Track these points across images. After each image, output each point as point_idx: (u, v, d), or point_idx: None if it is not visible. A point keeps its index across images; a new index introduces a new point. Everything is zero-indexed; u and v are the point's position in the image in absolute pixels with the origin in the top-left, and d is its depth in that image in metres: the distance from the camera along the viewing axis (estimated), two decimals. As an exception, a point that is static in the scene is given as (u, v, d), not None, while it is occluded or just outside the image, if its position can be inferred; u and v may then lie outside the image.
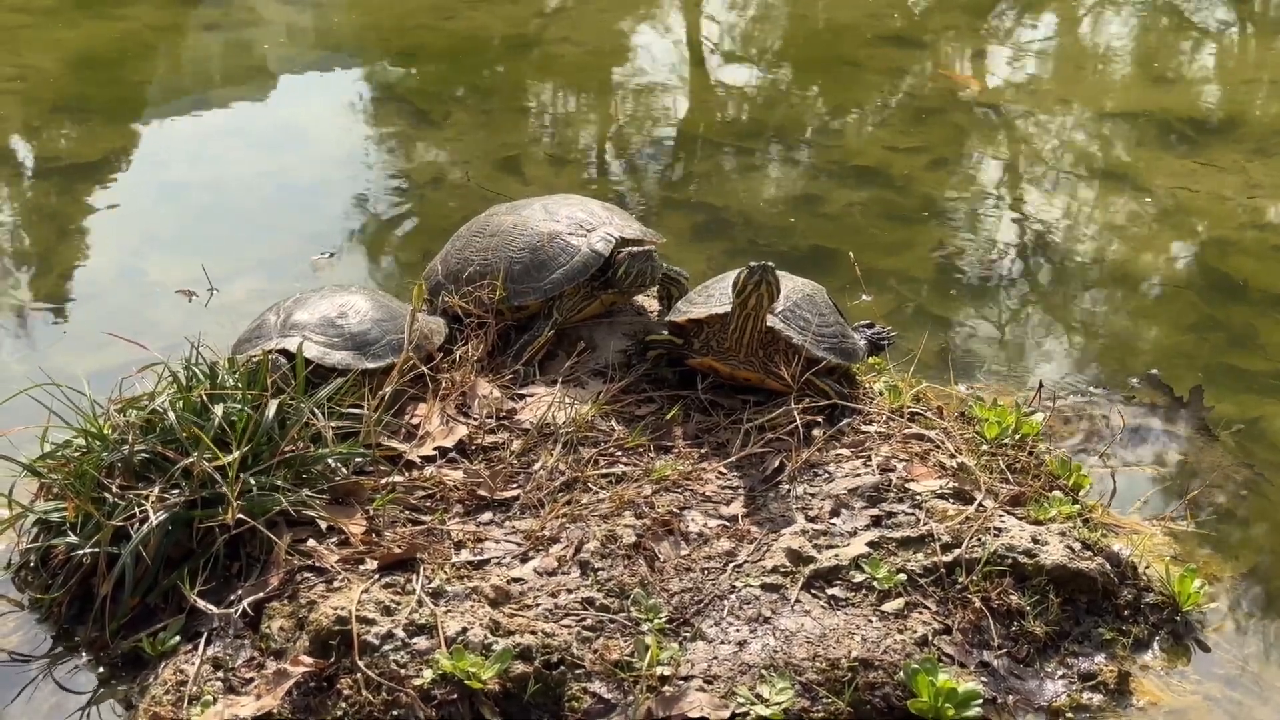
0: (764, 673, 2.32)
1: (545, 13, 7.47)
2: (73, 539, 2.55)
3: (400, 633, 2.32)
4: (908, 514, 2.68)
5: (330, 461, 2.69)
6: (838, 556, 2.56)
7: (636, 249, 3.22)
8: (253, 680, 2.34)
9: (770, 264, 2.90)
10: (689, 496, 2.76)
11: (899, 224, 4.68)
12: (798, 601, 2.48)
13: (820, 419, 2.96)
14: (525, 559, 2.57)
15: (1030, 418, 3.03)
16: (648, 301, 3.46)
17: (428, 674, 2.25)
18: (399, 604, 2.38)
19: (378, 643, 2.30)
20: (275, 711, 2.26)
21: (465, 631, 2.31)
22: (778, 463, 2.83)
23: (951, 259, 4.37)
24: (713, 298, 3.03)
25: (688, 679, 2.30)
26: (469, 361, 3.10)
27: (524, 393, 3.09)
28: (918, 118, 5.85)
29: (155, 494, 2.53)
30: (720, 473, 2.84)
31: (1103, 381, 3.64)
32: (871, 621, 2.45)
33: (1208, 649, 2.60)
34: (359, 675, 2.26)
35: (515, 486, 2.79)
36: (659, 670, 2.30)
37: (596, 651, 2.33)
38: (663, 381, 3.15)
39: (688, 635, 2.40)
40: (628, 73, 6.77)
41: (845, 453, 2.88)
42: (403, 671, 2.27)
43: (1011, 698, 2.41)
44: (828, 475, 2.81)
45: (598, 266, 3.21)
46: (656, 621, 2.40)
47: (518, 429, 2.97)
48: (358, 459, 2.74)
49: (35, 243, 4.59)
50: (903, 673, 2.34)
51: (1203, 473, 3.20)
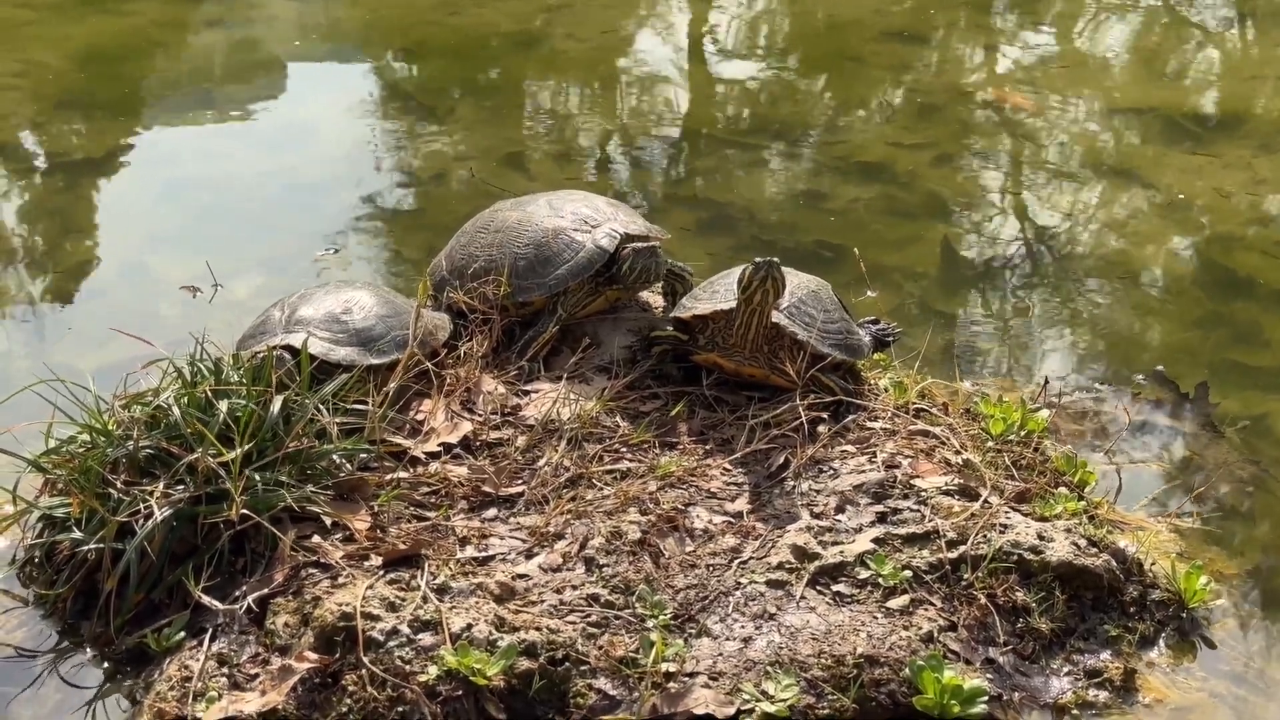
0: (769, 669, 2.31)
1: (549, 9, 7.46)
2: (77, 535, 2.55)
3: (405, 629, 2.32)
4: (913, 510, 2.68)
5: (335, 457, 2.69)
6: (843, 553, 2.56)
7: (641, 245, 3.22)
8: (258, 676, 2.34)
9: (776, 260, 2.89)
10: (694, 493, 2.75)
11: (904, 220, 4.68)
12: (803, 598, 2.47)
13: (825, 415, 2.96)
14: (530, 555, 2.57)
15: (1036, 414, 3.03)
16: (652, 297, 3.46)
17: (433, 670, 2.25)
18: (404, 600, 2.38)
19: (383, 639, 2.30)
20: (280, 708, 2.25)
21: (470, 628, 2.31)
22: (783, 459, 2.83)
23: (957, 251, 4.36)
24: (718, 294, 3.03)
25: (693, 675, 2.30)
26: (474, 357, 3.10)
27: (529, 389, 3.08)
28: (922, 114, 5.84)
29: (160, 490, 2.53)
30: (725, 469, 2.83)
31: (1108, 378, 3.64)
32: (877, 618, 2.44)
33: (1214, 646, 2.60)
34: (364, 671, 2.26)
35: (520, 482, 2.79)
36: (664, 667, 2.29)
37: (601, 648, 2.33)
38: (667, 378, 3.14)
39: (693, 631, 2.40)
40: (632, 68, 6.77)
41: (850, 449, 2.87)
42: (408, 668, 2.27)
43: (1017, 694, 2.41)
44: (833, 472, 2.80)
45: (602, 262, 3.21)
46: (661, 618, 2.39)
47: (522, 425, 2.96)
48: (362, 455, 2.74)
49: (40, 239, 4.60)
50: (908, 669, 2.33)
51: (1208, 469, 3.20)
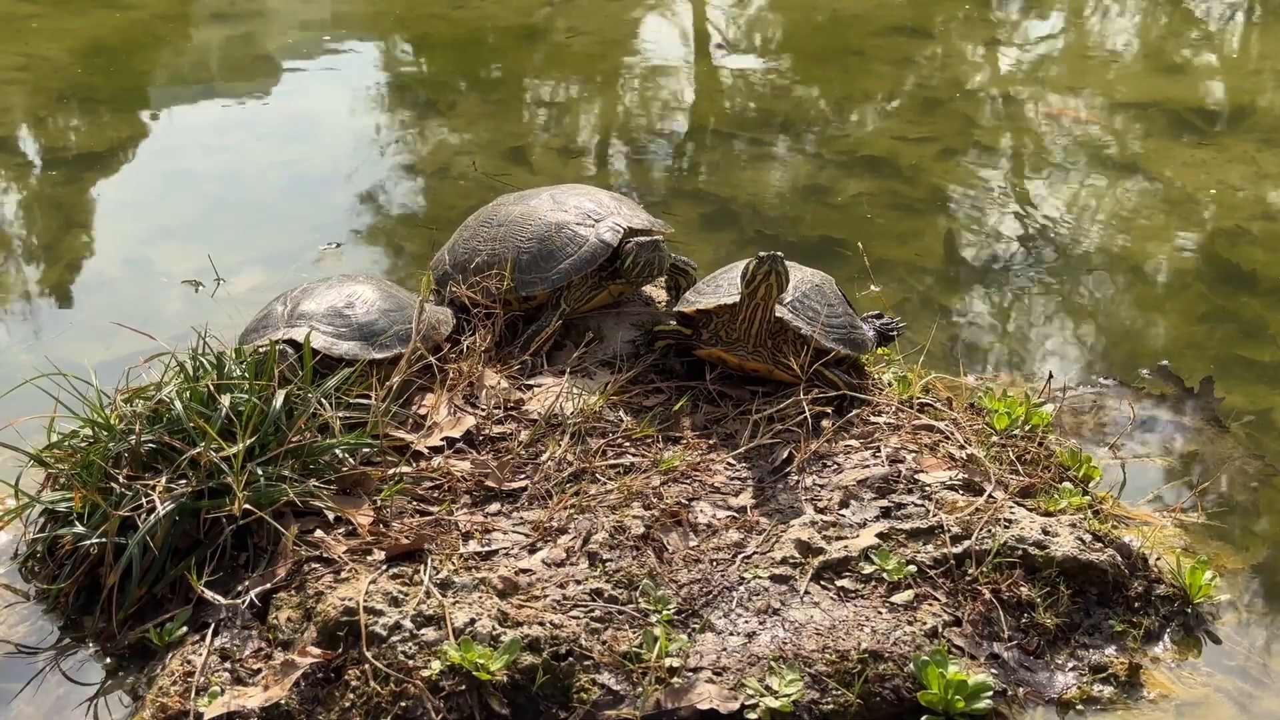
0: (773, 664, 2.31)
1: (553, 2, 7.46)
2: (79, 529, 2.55)
3: (408, 624, 2.31)
4: (917, 505, 2.67)
5: (337, 452, 2.68)
6: (847, 548, 2.55)
7: (644, 239, 3.21)
8: (260, 671, 2.34)
9: (779, 254, 2.88)
10: (697, 487, 2.75)
11: (907, 214, 4.67)
12: (807, 593, 2.47)
13: (829, 410, 2.95)
14: (533, 550, 2.56)
15: (1040, 409, 3.02)
16: (655, 292, 3.45)
17: (436, 665, 2.24)
18: (407, 595, 2.37)
19: (385, 634, 2.30)
20: (283, 702, 2.25)
21: (473, 623, 2.31)
22: (786, 454, 2.82)
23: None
24: (721, 288, 3.02)
25: (696, 670, 2.29)
26: (476, 352, 3.09)
27: (532, 383, 3.08)
28: (926, 108, 5.83)
29: (162, 484, 2.52)
30: (729, 464, 2.82)
31: (1113, 373, 3.63)
32: (881, 613, 2.44)
33: (1219, 641, 2.59)
34: (367, 666, 2.25)
35: (523, 477, 2.78)
36: (668, 662, 2.29)
37: (605, 643, 2.32)
38: (671, 372, 3.14)
39: (696, 626, 2.39)
40: (635, 63, 6.76)
41: (854, 444, 2.87)
42: (411, 663, 2.26)
43: (1022, 690, 2.40)
44: (837, 466, 2.80)
45: (606, 257, 3.20)
46: (665, 613, 2.39)
47: (525, 419, 2.96)
48: (365, 449, 2.73)
49: (42, 233, 4.59)
50: (912, 664, 2.33)
51: (1213, 464, 3.19)
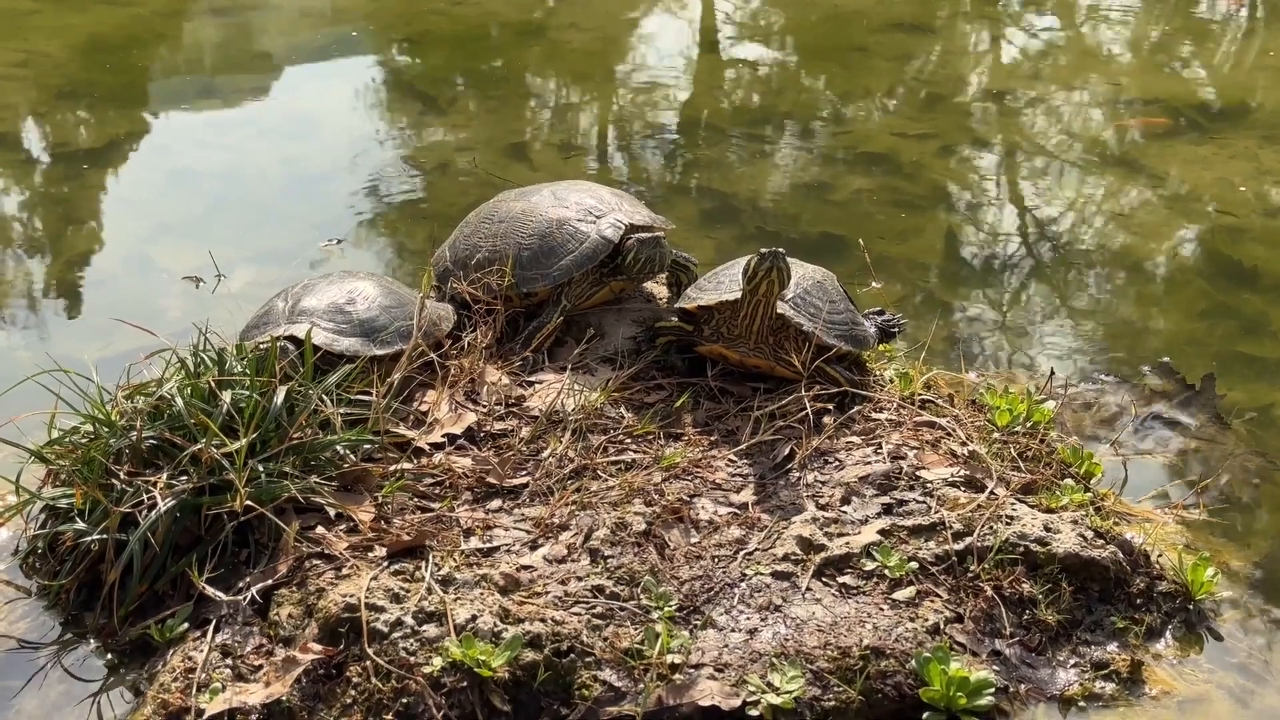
0: (775, 661, 2.30)
1: (553, -1, 7.45)
2: (80, 525, 2.55)
3: (409, 620, 2.31)
4: (919, 502, 2.67)
5: (339, 448, 2.68)
6: (849, 544, 2.55)
7: (645, 235, 3.21)
8: (261, 668, 2.34)
9: (781, 250, 2.88)
10: (699, 484, 2.75)
11: (908, 211, 4.67)
12: (808, 589, 2.46)
13: (831, 406, 2.95)
14: (535, 546, 2.56)
15: (1041, 405, 3.02)
16: (657, 288, 3.45)
17: (437, 661, 2.24)
18: (408, 591, 2.37)
19: (387, 630, 2.29)
20: (284, 699, 2.25)
21: (475, 619, 2.30)
22: (788, 450, 2.82)
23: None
24: (722, 284, 3.02)
25: (698, 667, 2.29)
26: (477, 348, 3.09)
27: (533, 380, 3.08)
28: (927, 104, 5.83)
29: (163, 480, 2.52)
30: (730, 460, 2.82)
31: (1114, 369, 3.63)
32: (883, 610, 2.43)
33: (1220, 638, 2.59)
34: (368, 663, 2.25)
35: (524, 474, 2.78)
36: (669, 658, 2.29)
37: (606, 639, 2.32)
38: (672, 369, 3.13)
39: (698, 623, 2.39)
40: (635, 59, 6.76)
41: (856, 440, 2.86)
42: (412, 659, 2.26)
43: (1023, 686, 2.40)
44: (838, 463, 2.80)
45: (607, 253, 3.20)
46: (667, 609, 2.39)
47: (526, 416, 2.96)
48: (366, 446, 2.73)
49: (43, 229, 4.59)
50: (914, 661, 2.32)
51: (1215, 461, 3.19)
